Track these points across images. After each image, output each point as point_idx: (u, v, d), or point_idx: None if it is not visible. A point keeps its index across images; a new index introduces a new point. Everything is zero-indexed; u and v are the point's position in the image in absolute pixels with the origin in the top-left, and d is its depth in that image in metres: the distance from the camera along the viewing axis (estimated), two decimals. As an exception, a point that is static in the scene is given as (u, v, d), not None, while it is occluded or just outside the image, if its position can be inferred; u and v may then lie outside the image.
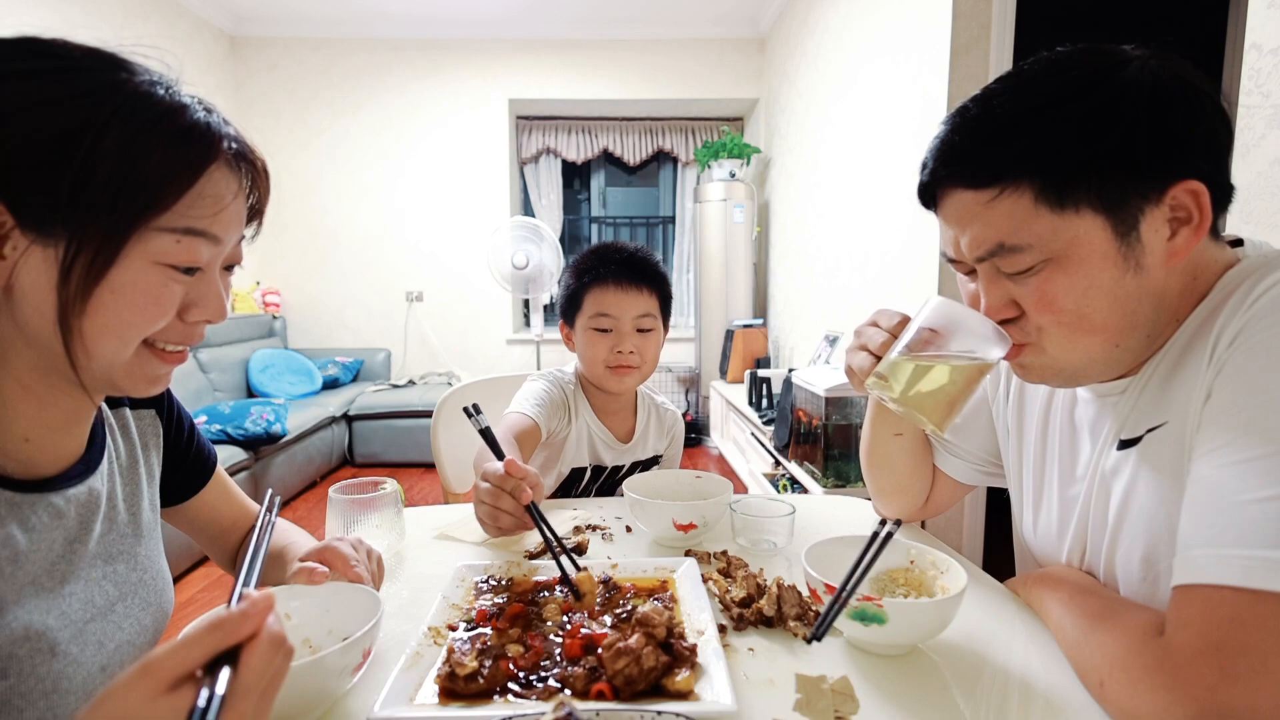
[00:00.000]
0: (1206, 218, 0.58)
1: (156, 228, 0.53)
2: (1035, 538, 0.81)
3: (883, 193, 2.58)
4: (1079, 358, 0.63)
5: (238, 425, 3.04)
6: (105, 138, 0.50)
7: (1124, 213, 0.57)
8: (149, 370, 0.59)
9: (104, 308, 0.53)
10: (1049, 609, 0.69)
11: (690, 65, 4.57)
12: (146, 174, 0.52)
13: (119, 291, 0.53)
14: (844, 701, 0.55)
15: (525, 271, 4.08)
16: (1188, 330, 0.62)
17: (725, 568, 0.84)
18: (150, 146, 0.52)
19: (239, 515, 0.87)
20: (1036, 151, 0.58)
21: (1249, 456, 0.50)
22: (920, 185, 0.67)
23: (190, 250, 0.55)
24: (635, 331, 1.21)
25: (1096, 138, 0.56)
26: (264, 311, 4.51)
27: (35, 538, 0.58)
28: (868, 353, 0.75)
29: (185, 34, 4.02)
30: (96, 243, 0.51)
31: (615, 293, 1.20)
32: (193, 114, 0.55)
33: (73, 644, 0.59)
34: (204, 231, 0.56)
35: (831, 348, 2.90)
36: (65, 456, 0.62)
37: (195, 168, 0.54)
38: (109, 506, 0.66)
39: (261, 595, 0.42)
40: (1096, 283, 0.59)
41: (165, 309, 0.56)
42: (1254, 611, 0.46)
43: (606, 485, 1.31)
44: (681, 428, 1.42)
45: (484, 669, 0.58)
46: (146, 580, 0.69)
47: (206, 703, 0.38)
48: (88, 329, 0.53)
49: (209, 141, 0.55)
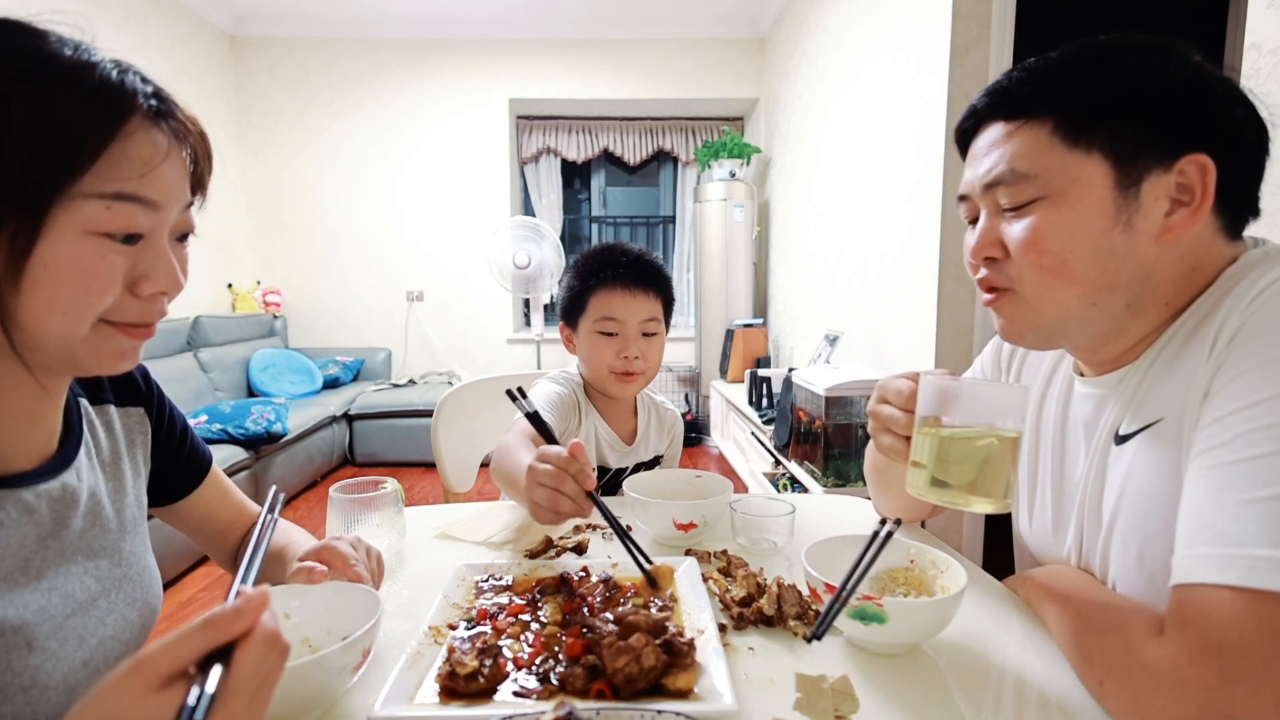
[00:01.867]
0: (1208, 199, 0.58)
1: (81, 194, 0.51)
2: (1031, 535, 0.81)
3: (883, 193, 2.58)
4: (1054, 309, 0.64)
5: (238, 425, 3.04)
6: (11, 105, 0.48)
7: (1131, 167, 0.59)
8: (113, 346, 0.57)
9: (40, 285, 0.51)
10: (1048, 608, 0.69)
11: (690, 65, 4.57)
12: (57, 137, 0.49)
13: (52, 266, 0.51)
14: (844, 701, 0.55)
15: (526, 271, 4.08)
16: (1188, 324, 0.62)
17: (725, 567, 0.84)
18: (57, 108, 0.49)
19: (237, 516, 0.86)
20: (1064, 88, 0.61)
21: (1249, 455, 0.50)
22: (961, 122, 0.69)
23: (125, 217, 0.53)
24: (640, 336, 1.20)
25: (1124, 88, 0.59)
26: (264, 311, 4.51)
27: (4, 534, 0.57)
28: (894, 436, 0.73)
29: (186, 34, 4.02)
30: (17, 216, 0.49)
31: (622, 296, 1.18)
32: (102, 71, 0.52)
33: (51, 639, 0.58)
34: (136, 195, 0.53)
35: (831, 347, 2.90)
36: (35, 451, 0.61)
37: (108, 126, 0.51)
38: (91, 502, 0.65)
39: (256, 592, 0.42)
40: (1084, 228, 0.60)
41: (107, 281, 0.53)
42: (1255, 611, 0.46)
43: (609, 488, 1.30)
44: (681, 427, 1.42)
45: (484, 668, 0.58)
46: (132, 576, 0.68)
47: (197, 700, 0.37)
48: (28, 309, 0.51)
49: (120, 98, 0.52)
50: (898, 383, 0.73)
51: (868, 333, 2.74)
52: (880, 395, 0.76)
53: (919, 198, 2.27)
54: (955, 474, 0.64)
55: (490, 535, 0.99)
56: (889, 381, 0.75)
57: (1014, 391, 0.66)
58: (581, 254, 1.25)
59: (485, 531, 1.00)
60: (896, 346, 2.48)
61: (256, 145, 4.57)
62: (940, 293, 2.15)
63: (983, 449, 0.62)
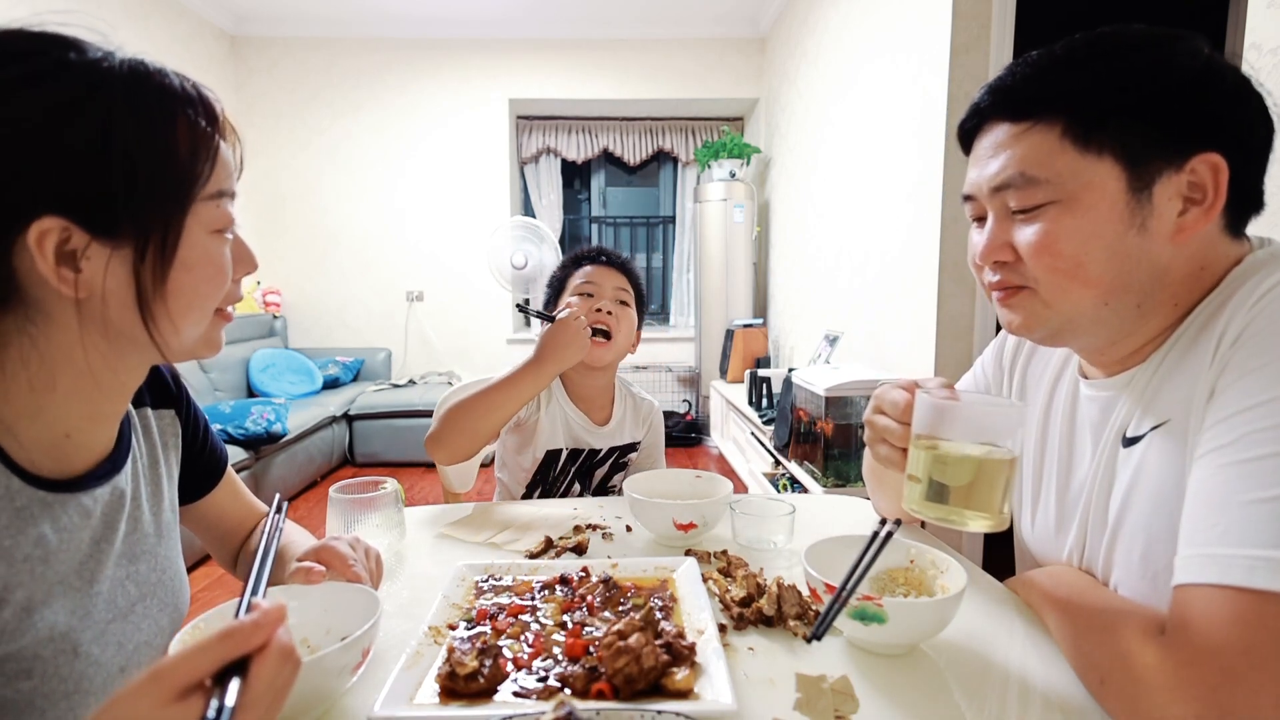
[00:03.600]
0: (1220, 198, 0.58)
1: (201, 198, 0.56)
2: (1033, 536, 0.81)
3: (883, 193, 2.58)
4: (1069, 309, 0.63)
5: (238, 425, 3.04)
6: (125, 130, 0.51)
7: (1142, 169, 0.58)
8: (216, 334, 0.62)
9: (182, 287, 0.56)
10: (1048, 608, 0.69)
11: (690, 65, 4.57)
12: (178, 153, 0.54)
13: (193, 268, 0.56)
14: (844, 701, 0.55)
15: (525, 271, 4.08)
16: (1193, 326, 0.61)
17: (725, 567, 0.84)
18: (169, 126, 0.54)
19: (245, 515, 0.87)
20: (1073, 90, 0.60)
21: (1252, 456, 0.50)
22: (964, 120, 0.68)
23: (226, 212, 0.58)
24: (615, 301, 1.30)
25: (1133, 88, 0.58)
26: (264, 311, 4.51)
27: (65, 538, 0.58)
28: (890, 446, 0.73)
29: (186, 34, 4.02)
30: (160, 227, 0.53)
31: (597, 269, 1.32)
32: (189, 86, 0.56)
33: (94, 645, 0.59)
34: (228, 191, 0.59)
35: (831, 347, 2.90)
36: (97, 453, 0.62)
37: (213, 136, 0.57)
38: (133, 506, 0.66)
39: (274, 607, 0.42)
40: (1099, 232, 0.59)
41: (227, 273, 0.59)
42: (1256, 612, 0.46)
43: (585, 467, 1.34)
44: (659, 416, 1.45)
45: (484, 668, 0.58)
46: (165, 581, 0.69)
47: (217, 713, 0.38)
48: (173, 311, 0.56)
49: (212, 110, 0.57)
50: (894, 394, 0.73)
51: (868, 333, 2.74)
52: (876, 405, 0.75)
53: (919, 198, 2.27)
54: (950, 492, 0.63)
55: (490, 535, 0.99)
56: (885, 391, 0.74)
57: (1011, 410, 0.65)
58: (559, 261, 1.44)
59: (485, 531, 1.00)
60: (896, 346, 2.48)
61: (256, 145, 4.56)
62: (940, 293, 2.15)
63: (978, 468, 0.62)
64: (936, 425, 0.63)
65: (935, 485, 0.63)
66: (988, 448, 0.61)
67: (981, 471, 0.61)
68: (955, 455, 0.62)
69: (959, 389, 0.75)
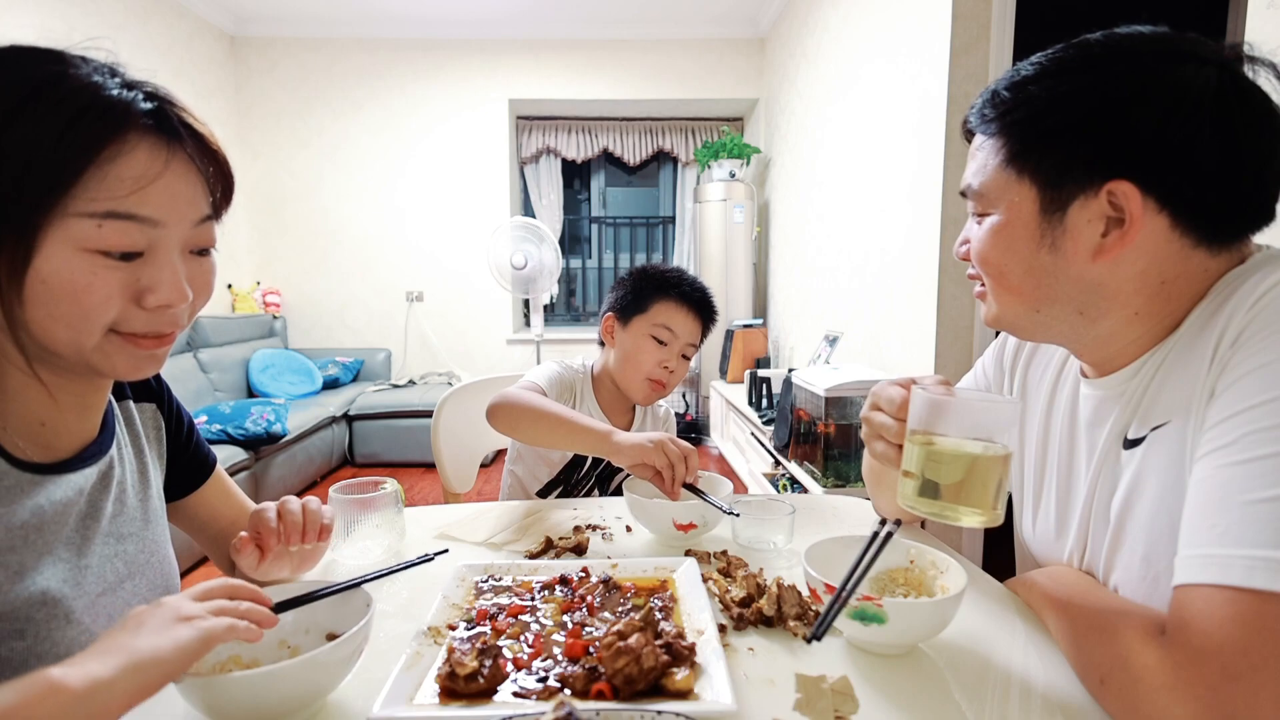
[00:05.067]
0: (1135, 224, 0.58)
1: (73, 214, 0.52)
2: (1034, 538, 0.81)
3: (882, 193, 2.58)
4: (1006, 311, 0.68)
5: (238, 425, 3.03)
6: (9, 129, 0.50)
7: (1056, 193, 0.61)
8: (124, 355, 0.58)
9: (39, 299, 0.53)
10: (1049, 609, 0.69)
11: (690, 65, 4.57)
12: (43, 158, 0.50)
13: (49, 282, 0.52)
14: (844, 701, 0.55)
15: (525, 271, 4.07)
16: (1192, 327, 0.61)
17: (725, 568, 0.84)
18: (45, 130, 0.51)
19: (238, 516, 0.87)
20: (1008, 112, 0.63)
21: (1252, 456, 0.50)
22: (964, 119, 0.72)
23: (117, 234, 0.53)
24: (680, 355, 1.28)
25: (1056, 113, 0.60)
26: (264, 311, 4.51)
27: (55, 513, 0.61)
28: (886, 443, 0.74)
29: (186, 34, 4.02)
30: (13, 235, 0.51)
31: (685, 312, 1.27)
32: (98, 91, 0.53)
33: (86, 614, 0.62)
34: (129, 213, 0.53)
35: (831, 348, 2.90)
36: (80, 439, 0.65)
37: (91, 146, 0.52)
38: (119, 490, 0.69)
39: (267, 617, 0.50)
40: (1013, 247, 0.64)
41: (101, 297, 0.54)
42: (1257, 612, 0.46)
43: (606, 473, 1.37)
44: (673, 421, 1.48)
45: (484, 669, 0.58)
46: (154, 562, 0.72)
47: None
48: (33, 320, 0.54)
49: (110, 117, 0.53)
50: (890, 390, 0.73)
51: (867, 333, 2.74)
52: (873, 402, 0.76)
53: (918, 198, 2.27)
54: (944, 487, 0.63)
55: (490, 535, 0.99)
56: (882, 388, 0.75)
57: (1006, 406, 0.65)
58: (649, 265, 1.33)
59: (485, 531, 1.00)
60: (896, 347, 2.48)
61: (256, 146, 4.57)
62: (940, 293, 2.15)
63: (972, 463, 0.62)
64: (931, 420, 0.64)
65: (929, 481, 0.64)
66: (982, 443, 0.62)
67: (975, 467, 0.62)
68: (949, 451, 0.63)
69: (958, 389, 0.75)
